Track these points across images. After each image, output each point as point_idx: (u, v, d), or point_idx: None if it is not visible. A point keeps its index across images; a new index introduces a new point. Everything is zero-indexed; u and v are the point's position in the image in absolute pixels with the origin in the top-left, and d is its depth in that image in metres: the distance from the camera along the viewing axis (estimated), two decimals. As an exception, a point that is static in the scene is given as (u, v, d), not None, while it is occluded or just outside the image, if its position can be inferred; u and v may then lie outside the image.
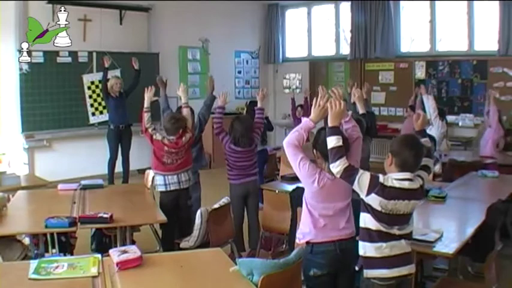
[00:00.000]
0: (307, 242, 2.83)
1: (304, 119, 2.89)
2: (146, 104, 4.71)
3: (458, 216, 3.99)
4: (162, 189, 4.54)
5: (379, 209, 2.49)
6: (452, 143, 7.50)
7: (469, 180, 5.10)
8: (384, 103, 9.58)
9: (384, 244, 2.52)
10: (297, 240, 2.92)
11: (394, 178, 2.51)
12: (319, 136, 2.87)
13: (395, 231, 2.53)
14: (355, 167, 2.59)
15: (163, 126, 4.60)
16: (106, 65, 7.36)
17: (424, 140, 2.80)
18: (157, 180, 4.57)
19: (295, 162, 2.79)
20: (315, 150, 2.89)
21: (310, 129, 2.82)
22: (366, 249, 2.58)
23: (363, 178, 2.51)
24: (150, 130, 4.53)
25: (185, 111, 4.71)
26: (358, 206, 2.65)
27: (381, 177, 2.52)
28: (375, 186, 2.48)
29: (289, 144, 2.80)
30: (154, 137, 4.51)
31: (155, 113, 5.07)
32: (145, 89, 4.84)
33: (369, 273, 2.58)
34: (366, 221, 2.56)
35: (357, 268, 2.64)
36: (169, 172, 4.53)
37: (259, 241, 4.75)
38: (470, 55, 8.48)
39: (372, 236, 2.54)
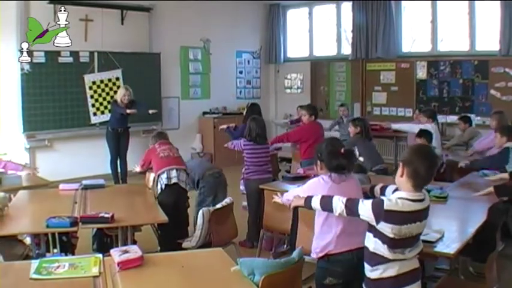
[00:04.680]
0: (325, 254, 2.79)
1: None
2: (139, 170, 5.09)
3: (459, 216, 3.98)
4: (165, 182, 4.60)
5: (391, 236, 2.35)
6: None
7: (470, 180, 5.10)
8: (385, 103, 9.58)
9: (393, 263, 2.42)
10: (313, 255, 2.88)
11: (404, 198, 2.37)
12: (322, 146, 2.90)
13: (407, 254, 2.44)
14: (351, 197, 2.55)
15: (154, 139, 5.04)
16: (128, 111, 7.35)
17: None
18: (162, 179, 4.62)
19: (298, 190, 2.99)
20: (319, 162, 2.89)
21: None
22: (374, 272, 2.47)
23: (363, 209, 2.43)
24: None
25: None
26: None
27: (386, 202, 2.38)
28: (380, 214, 2.36)
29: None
30: (147, 152, 4.96)
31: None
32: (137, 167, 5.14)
33: None
34: (375, 246, 2.44)
35: None
36: (171, 166, 4.66)
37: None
38: (471, 55, 8.46)
39: (381, 259, 2.43)
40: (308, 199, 2.75)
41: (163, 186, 4.61)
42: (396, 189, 2.53)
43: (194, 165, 5.28)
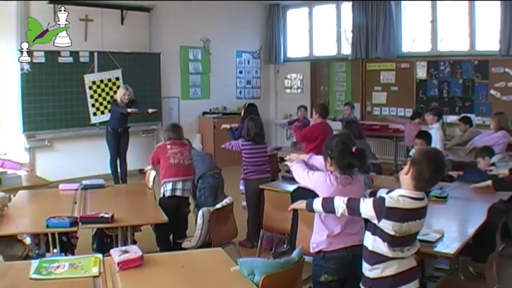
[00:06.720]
0: (320, 251, 2.82)
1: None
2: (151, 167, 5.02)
3: (459, 217, 3.98)
4: (169, 194, 4.62)
5: (392, 233, 2.36)
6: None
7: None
8: (386, 103, 9.58)
9: (392, 262, 2.42)
10: (311, 250, 2.90)
11: (405, 195, 2.39)
12: (333, 143, 2.86)
13: (406, 252, 2.44)
14: (352, 197, 2.56)
15: (166, 135, 4.86)
16: (129, 110, 7.31)
17: None
18: (166, 186, 4.64)
19: (304, 175, 2.96)
20: (329, 158, 2.86)
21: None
22: (373, 271, 2.46)
23: (365, 208, 2.44)
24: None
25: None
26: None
27: (387, 200, 2.39)
28: (382, 211, 2.37)
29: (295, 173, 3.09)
30: (156, 146, 4.92)
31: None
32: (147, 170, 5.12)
33: None
34: (375, 245, 2.44)
35: None
36: (178, 177, 4.63)
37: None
38: (471, 55, 8.46)
39: (380, 258, 2.43)
40: (309, 203, 2.75)
41: (166, 194, 4.64)
42: (388, 192, 2.53)
43: (197, 158, 5.27)
